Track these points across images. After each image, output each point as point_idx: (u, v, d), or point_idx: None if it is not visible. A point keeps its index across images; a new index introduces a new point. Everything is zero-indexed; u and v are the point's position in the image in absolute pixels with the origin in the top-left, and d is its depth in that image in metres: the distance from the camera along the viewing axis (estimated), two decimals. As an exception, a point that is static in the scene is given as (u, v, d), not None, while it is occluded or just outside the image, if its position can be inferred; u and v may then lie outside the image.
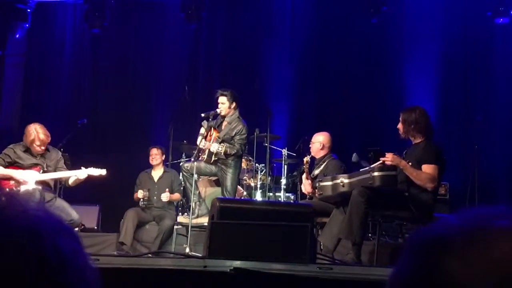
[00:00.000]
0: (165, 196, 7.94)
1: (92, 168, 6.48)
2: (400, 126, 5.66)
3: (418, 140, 5.61)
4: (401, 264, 0.75)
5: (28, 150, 6.43)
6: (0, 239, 0.72)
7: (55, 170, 6.49)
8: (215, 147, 6.77)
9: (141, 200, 8.00)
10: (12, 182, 6.25)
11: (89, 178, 6.49)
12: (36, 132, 6.36)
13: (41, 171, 6.38)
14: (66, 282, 0.74)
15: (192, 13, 9.95)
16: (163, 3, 10.67)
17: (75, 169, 6.58)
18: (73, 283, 0.75)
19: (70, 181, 6.46)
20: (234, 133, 7.01)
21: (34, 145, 6.36)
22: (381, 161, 5.51)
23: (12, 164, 6.35)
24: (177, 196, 8.15)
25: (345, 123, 9.78)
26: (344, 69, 10.08)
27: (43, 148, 6.41)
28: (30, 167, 6.35)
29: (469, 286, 0.67)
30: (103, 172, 6.56)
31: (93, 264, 0.81)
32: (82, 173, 6.39)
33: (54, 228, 0.77)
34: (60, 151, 6.92)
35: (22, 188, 6.19)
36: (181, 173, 7.71)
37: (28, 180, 6.24)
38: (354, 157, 6.91)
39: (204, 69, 10.67)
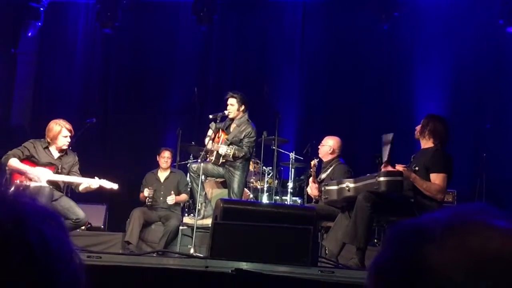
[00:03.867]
0: (170, 199, 7.96)
1: (105, 180, 6.49)
2: (418, 127, 5.68)
3: (428, 145, 5.59)
4: (383, 253, 0.79)
5: (48, 148, 6.45)
6: None
7: (68, 174, 6.51)
8: (223, 149, 6.78)
9: (147, 198, 8.03)
10: (23, 177, 6.28)
11: (100, 188, 6.50)
12: (62, 125, 6.42)
13: (55, 171, 6.39)
14: (52, 270, 0.75)
15: (204, 15, 9.98)
16: (175, 5, 10.71)
17: (83, 170, 6.61)
18: (58, 270, 0.75)
19: (81, 188, 6.45)
20: (243, 135, 7.02)
21: (61, 136, 6.38)
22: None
23: (28, 159, 6.35)
24: (184, 197, 8.16)
25: (353, 128, 9.76)
26: (354, 74, 10.07)
27: (69, 140, 6.44)
28: (45, 165, 6.36)
29: (444, 271, 0.71)
30: (115, 186, 6.57)
31: (79, 252, 0.82)
32: (94, 183, 6.39)
33: (40, 216, 0.77)
34: (72, 152, 6.93)
35: (32, 184, 6.22)
36: (188, 174, 7.74)
37: (40, 177, 6.26)
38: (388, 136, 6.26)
39: (214, 71, 10.69)
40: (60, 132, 6.40)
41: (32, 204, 0.80)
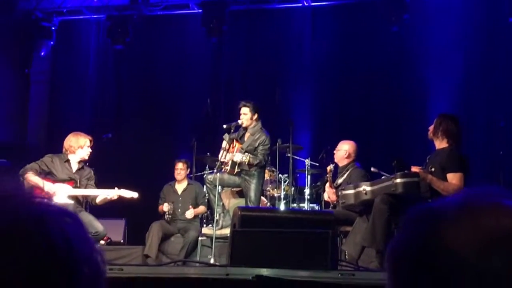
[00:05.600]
0: (189, 214, 8.00)
1: (124, 189, 6.49)
2: (431, 127, 5.67)
3: (443, 146, 5.58)
4: (399, 236, 0.81)
5: (68, 161, 6.49)
6: (8, 227, 0.74)
7: (85, 187, 6.54)
8: (238, 156, 6.81)
9: (166, 213, 8.06)
10: (44, 193, 6.28)
11: (119, 198, 6.50)
12: (85, 136, 6.54)
13: (74, 185, 6.41)
14: (74, 266, 0.76)
15: (213, 27, 10.03)
16: (184, 18, 10.77)
17: (101, 184, 6.63)
18: (81, 266, 0.77)
19: (98, 200, 6.45)
20: (257, 144, 7.04)
21: (86, 147, 6.47)
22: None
23: (46, 176, 6.36)
24: (202, 209, 8.19)
25: (367, 132, 9.73)
26: (366, 78, 10.05)
27: (91, 151, 6.52)
28: (63, 181, 6.37)
29: (459, 250, 0.74)
30: (135, 195, 6.55)
31: (99, 249, 0.84)
32: (113, 193, 6.41)
33: (60, 215, 0.80)
34: (87, 166, 6.98)
35: (56, 201, 6.21)
36: (204, 185, 7.76)
37: (59, 193, 6.26)
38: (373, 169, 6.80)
39: (225, 82, 10.73)
40: (85, 142, 6.50)
41: (52, 204, 0.82)
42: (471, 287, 0.72)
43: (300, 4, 10.34)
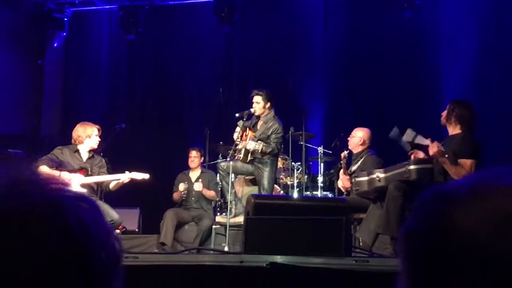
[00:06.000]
0: (198, 185, 8.02)
1: (134, 172, 6.55)
2: (444, 112, 5.64)
3: (456, 132, 5.55)
4: (411, 218, 0.82)
5: (78, 151, 6.54)
6: (24, 213, 0.74)
7: (98, 175, 6.59)
8: (251, 144, 6.83)
9: (182, 193, 8.10)
10: (59, 179, 6.29)
11: (131, 181, 6.55)
12: (92, 125, 6.58)
13: (85, 174, 6.47)
14: (91, 250, 0.77)
15: (225, 16, 10.03)
16: (195, 6, 10.77)
17: (115, 173, 6.68)
18: (97, 251, 0.78)
19: (111, 185, 6.52)
20: (270, 132, 7.05)
21: (94, 135, 6.51)
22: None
23: (57, 169, 6.40)
24: (212, 193, 8.21)
25: (380, 120, 9.69)
26: (378, 64, 10.00)
27: (99, 140, 6.58)
28: (76, 171, 6.43)
29: (470, 230, 0.74)
30: (146, 176, 6.61)
31: (115, 233, 0.84)
32: (124, 177, 6.46)
33: (75, 199, 0.80)
34: (100, 155, 7.03)
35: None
36: (218, 173, 7.79)
37: (72, 183, 6.31)
38: (394, 131, 6.40)
39: (238, 71, 10.73)
40: (93, 131, 6.54)
41: (67, 189, 0.82)
42: (482, 267, 0.73)
43: (312, -8, 10.33)
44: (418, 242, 0.79)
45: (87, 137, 6.52)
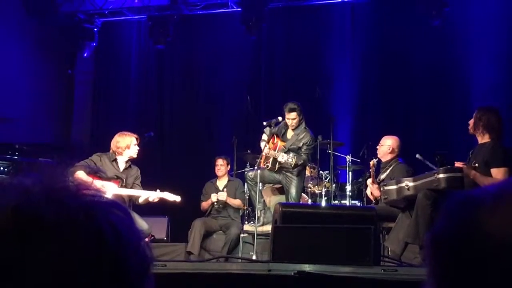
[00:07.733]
0: (222, 195, 8.03)
1: (167, 192, 6.53)
2: (471, 121, 5.58)
3: (485, 140, 5.49)
4: (438, 223, 0.82)
5: (116, 161, 6.57)
6: (58, 219, 0.75)
7: (131, 187, 6.62)
8: (284, 157, 6.76)
9: (215, 203, 8.11)
10: (93, 186, 6.30)
11: (161, 199, 6.54)
12: (132, 135, 6.62)
13: (120, 185, 6.48)
14: (123, 257, 0.78)
15: (253, 25, 10.05)
16: (223, 16, 10.84)
17: (143, 183, 6.70)
18: (129, 257, 0.79)
19: (140, 200, 6.49)
20: (301, 143, 7.04)
21: (133, 145, 6.55)
22: None
23: (94, 174, 6.41)
24: (237, 201, 8.21)
25: (409, 127, 9.63)
26: (407, 72, 9.93)
27: (138, 149, 6.59)
28: (110, 179, 6.45)
29: (497, 234, 0.75)
30: (177, 198, 6.58)
31: (146, 239, 0.85)
32: (154, 195, 6.44)
33: (108, 206, 0.81)
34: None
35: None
36: (245, 183, 7.80)
37: (106, 191, 6.30)
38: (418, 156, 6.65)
39: (265, 79, 10.75)
40: (132, 141, 6.57)
41: (99, 195, 0.83)
42: (508, 271, 0.73)
43: (339, 0, 10.30)
44: (445, 248, 0.79)
45: (127, 147, 6.54)
